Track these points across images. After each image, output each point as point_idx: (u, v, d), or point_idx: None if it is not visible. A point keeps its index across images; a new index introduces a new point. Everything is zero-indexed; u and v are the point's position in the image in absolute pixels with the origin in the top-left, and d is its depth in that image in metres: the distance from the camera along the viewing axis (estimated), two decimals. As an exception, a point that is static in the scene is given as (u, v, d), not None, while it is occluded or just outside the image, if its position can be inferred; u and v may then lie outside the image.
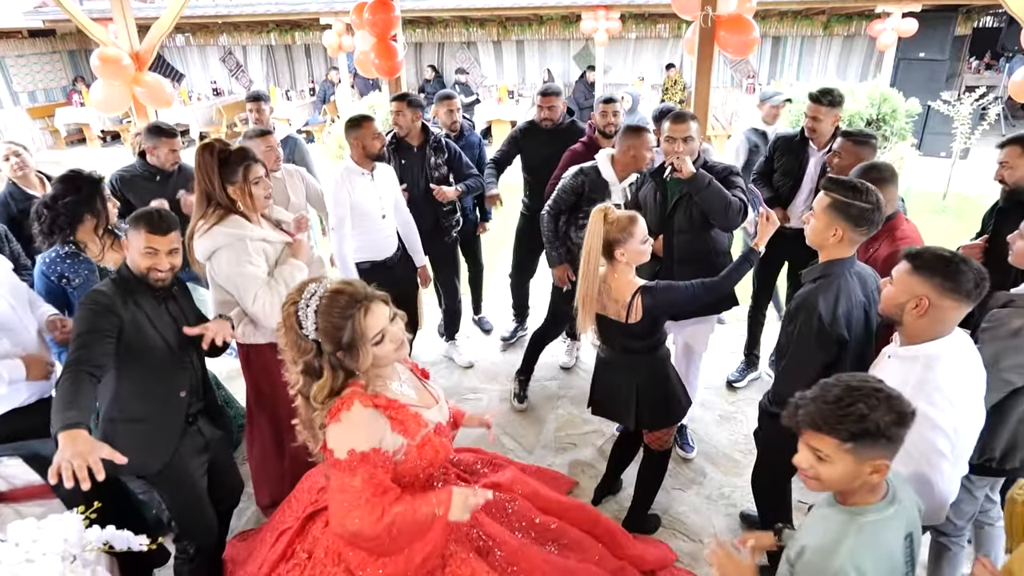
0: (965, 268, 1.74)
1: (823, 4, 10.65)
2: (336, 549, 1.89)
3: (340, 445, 1.71)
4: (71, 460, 1.65)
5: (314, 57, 14.09)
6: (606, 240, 2.48)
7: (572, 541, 2.27)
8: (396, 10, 4.93)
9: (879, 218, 2.14)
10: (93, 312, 2.07)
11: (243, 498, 3.29)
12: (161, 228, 2.17)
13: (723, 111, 12.15)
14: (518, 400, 4.02)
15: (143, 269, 2.18)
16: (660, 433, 2.81)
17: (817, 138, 3.54)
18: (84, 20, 4.93)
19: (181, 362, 2.30)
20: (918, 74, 10.30)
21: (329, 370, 1.76)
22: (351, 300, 1.72)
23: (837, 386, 1.44)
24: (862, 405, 1.38)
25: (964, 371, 1.82)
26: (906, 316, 1.82)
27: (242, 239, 2.52)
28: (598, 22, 10.93)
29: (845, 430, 1.39)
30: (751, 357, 4.19)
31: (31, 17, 12.07)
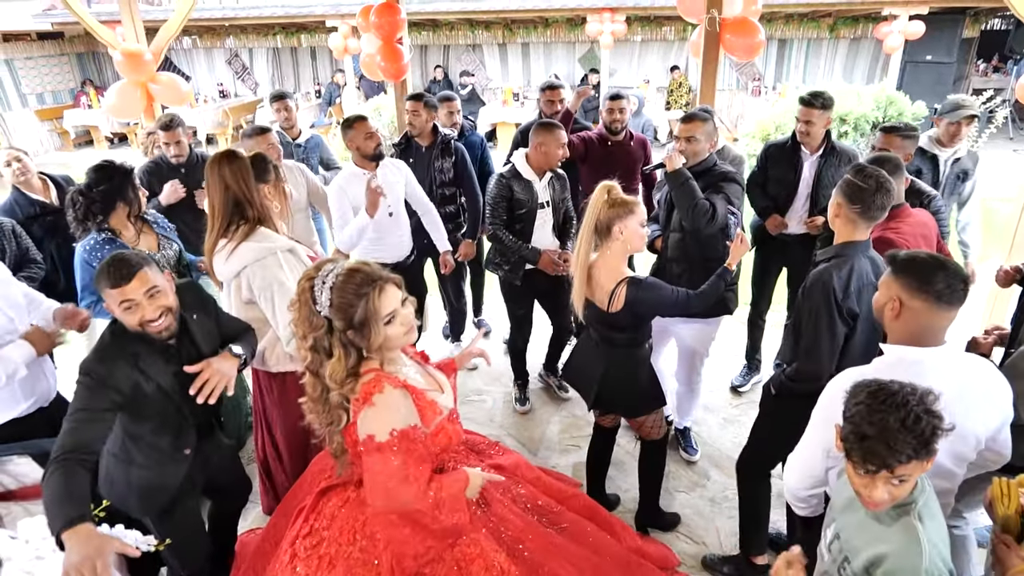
0: (938, 269, 1.70)
1: (829, 6, 10.64)
2: (352, 527, 1.92)
3: (381, 427, 1.73)
4: (80, 567, 1.53)
5: (320, 59, 14.15)
6: (605, 216, 2.48)
7: (572, 525, 2.28)
8: (402, 13, 4.95)
9: (878, 201, 2.19)
10: (89, 389, 1.90)
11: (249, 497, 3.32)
12: (121, 275, 1.92)
13: (728, 114, 12.14)
14: (519, 403, 4.03)
15: (136, 327, 1.97)
16: (644, 420, 2.82)
17: (810, 142, 3.53)
18: (92, 23, 4.97)
19: (189, 417, 2.16)
20: (925, 77, 10.28)
21: (340, 349, 1.77)
22: (366, 279, 1.75)
23: (880, 411, 1.39)
24: (921, 418, 1.37)
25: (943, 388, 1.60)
26: (885, 318, 1.83)
27: (273, 252, 2.43)
28: (603, 25, 10.95)
29: (925, 447, 1.38)
30: (753, 361, 4.20)
31: (40, 20, 12.16)
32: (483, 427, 3.85)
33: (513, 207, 3.46)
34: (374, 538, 1.88)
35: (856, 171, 2.26)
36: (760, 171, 3.83)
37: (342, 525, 1.94)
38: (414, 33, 12.40)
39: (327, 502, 2.03)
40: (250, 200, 2.46)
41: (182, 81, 5.06)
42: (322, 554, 1.92)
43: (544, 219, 3.56)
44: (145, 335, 1.99)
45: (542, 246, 3.54)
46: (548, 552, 2.07)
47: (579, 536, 2.25)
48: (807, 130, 3.49)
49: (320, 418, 1.86)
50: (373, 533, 1.89)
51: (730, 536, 3.02)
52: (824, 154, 3.54)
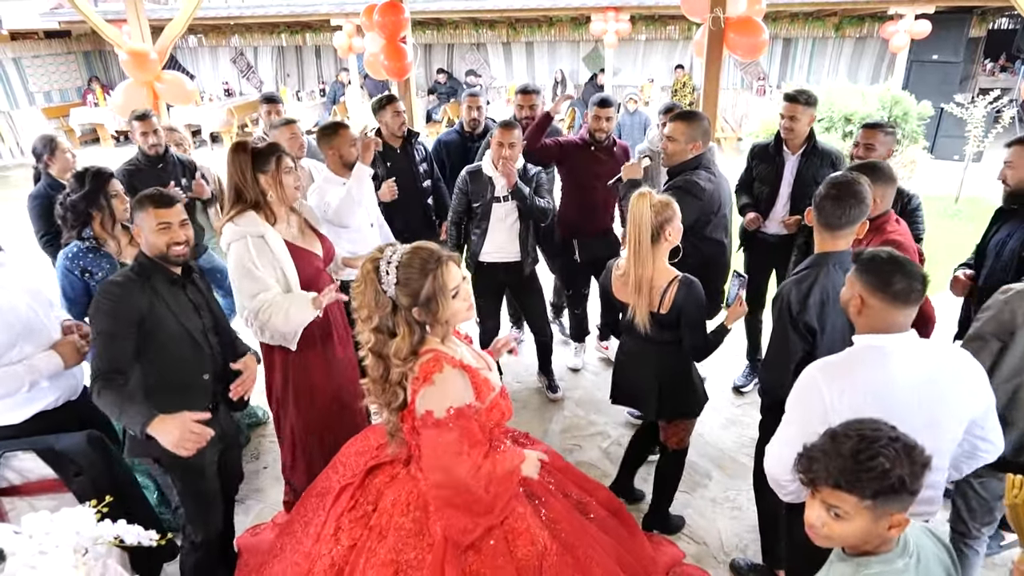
0: (896, 270, 1.73)
1: (835, 5, 10.61)
2: (404, 500, 1.97)
3: (439, 405, 1.79)
4: (183, 440, 2.04)
5: (324, 58, 14.18)
6: (655, 223, 2.46)
7: (600, 517, 2.33)
8: (406, 12, 4.96)
9: (839, 212, 2.16)
10: (111, 304, 2.12)
11: (251, 494, 3.34)
12: (165, 201, 2.22)
13: (733, 113, 12.12)
14: None
15: (162, 248, 2.20)
16: (678, 429, 2.84)
17: (794, 139, 3.52)
18: (99, 21, 5.01)
19: (202, 347, 2.32)
20: (931, 76, 10.23)
21: (405, 326, 1.83)
22: (431, 255, 1.81)
23: (850, 437, 1.33)
24: (882, 459, 1.28)
25: (900, 381, 1.74)
26: (850, 314, 1.86)
27: (244, 236, 2.58)
28: (608, 24, 10.94)
29: (868, 487, 1.29)
30: (755, 362, 4.19)
31: (47, 18, 12.22)
32: (485, 426, 3.86)
33: (470, 200, 3.64)
34: (427, 509, 1.93)
35: (830, 180, 2.24)
36: (747, 172, 3.83)
37: (394, 498, 2.00)
38: (418, 32, 12.42)
39: (373, 479, 2.09)
40: (245, 186, 2.62)
41: (187, 80, 5.09)
42: (371, 525, 1.99)
43: (505, 212, 3.62)
44: (160, 266, 2.23)
45: (500, 238, 3.66)
46: (581, 536, 2.12)
47: (603, 526, 2.30)
48: (791, 126, 3.47)
49: (380, 398, 1.92)
50: (426, 504, 1.94)
51: (731, 537, 3.02)
52: (805, 153, 3.52)
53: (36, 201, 3.66)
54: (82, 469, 2.29)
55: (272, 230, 2.63)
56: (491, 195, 3.58)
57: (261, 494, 3.36)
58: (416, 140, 4.14)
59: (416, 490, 1.98)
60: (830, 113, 7.14)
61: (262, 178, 2.61)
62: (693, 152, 3.16)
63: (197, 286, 2.39)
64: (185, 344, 2.26)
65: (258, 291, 2.57)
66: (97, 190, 2.87)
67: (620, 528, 2.39)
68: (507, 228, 3.65)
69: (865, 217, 2.22)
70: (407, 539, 1.92)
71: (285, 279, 2.63)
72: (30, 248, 3.93)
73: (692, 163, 3.16)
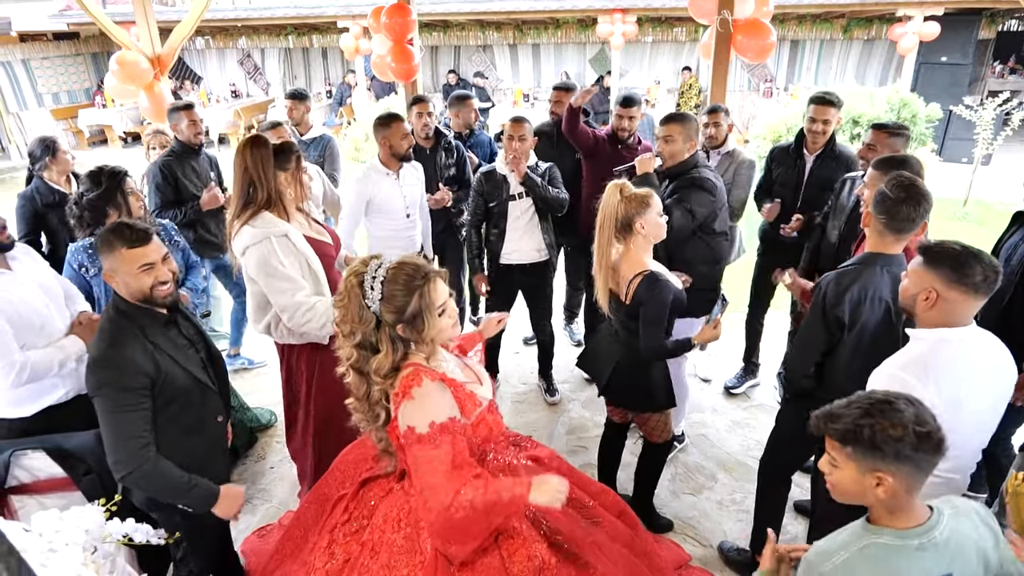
0: (974, 261, 1.74)
1: (843, 7, 10.57)
2: (396, 516, 1.93)
3: (421, 420, 1.73)
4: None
5: (331, 60, 14.22)
6: (624, 214, 2.52)
7: (605, 521, 2.29)
8: (413, 14, 4.97)
9: (902, 212, 2.11)
10: (116, 374, 1.95)
11: (258, 494, 3.35)
12: (140, 237, 2.02)
13: (740, 115, 12.09)
14: None
15: (146, 291, 2.03)
16: (646, 422, 2.85)
17: (820, 140, 3.51)
18: (107, 23, 5.04)
19: (208, 386, 2.23)
20: (940, 79, 10.18)
21: (388, 343, 1.77)
22: (417, 271, 1.76)
23: (870, 397, 1.39)
24: (867, 416, 1.35)
25: (975, 367, 1.81)
26: (917, 307, 1.85)
27: (268, 236, 2.54)
28: (614, 26, 10.94)
29: (837, 431, 1.38)
30: (750, 364, 4.17)
31: (56, 20, 12.30)
32: (491, 427, 3.86)
33: (487, 200, 3.65)
34: (418, 526, 1.89)
35: (891, 179, 2.19)
36: (767, 175, 3.82)
37: (386, 513, 1.95)
38: (425, 34, 12.44)
39: (367, 492, 2.06)
40: (263, 184, 2.55)
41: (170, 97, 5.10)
42: (364, 540, 1.95)
43: (521, 210, 3.63)
44: (146, 310, 2.06)
45: (518, 237, 3.67)
46: (585, 545, 2.08)
47: (611, 532, 2.26)
48: (823, 129, 3.47)
49: (364, 416, 1.87)
50: (417, 521, 1.90)
51: (737, 539, 3.01)
52: (822, 155, 3.51)
53: (22, 201, 3.66)
54: (91, 468, 2.30)
55: (293, 228, 2.61)
56: (506, 194, 3.60)
57: (267, 494, 3.37)
58: (444, 142, 4.13)
59: (408, 506, 1.94)
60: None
61: (282, 175, 2.59)
62: (690, 151, 3.18)
63: (184, 313, 2.26)
64: (194, 393, 2.15)
65: (295, 290, 2.54)
66: (114, 188, 2.89)
67: (628, 531, 2.36)
68: (525, 226, 3.66)
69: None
70: (399, 556, 1.88)
71: (313, 275, 2.63)
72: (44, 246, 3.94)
73: (691, 161, 3.18)
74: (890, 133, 3.14)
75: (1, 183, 10.83)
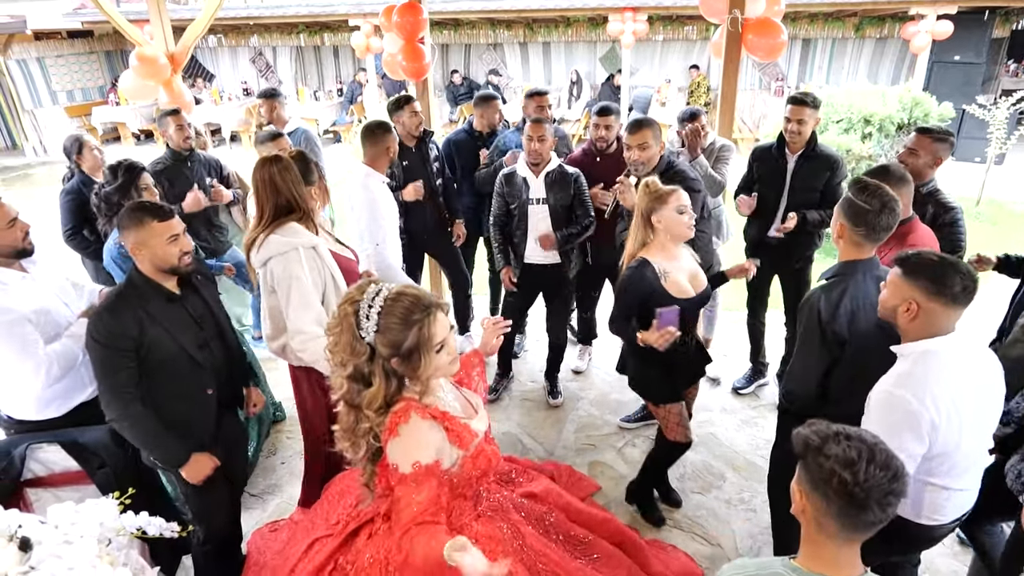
0: (952, 271, 1.73)
1: (855, 6, 10.50)
2: (383, 559, 1.85)
3: (404, 459, 1.66)
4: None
5: (342, 58, 14.26)
6: (645, 208, 2.63)
7: (603, 555, 2.26)
8: (424, 13, 4.97)
9: (882, 222, 2.11)
10: (104, 333, 2.08)
11: (268, 489, 3.39)
12: (166, 212, 2.19)
13: (751, 114, 12.04)
14: (491, 392, 4.12)
15: (175, 260, 2.19)
16: (656, 411, 2.93)
17: (799, 141, 3.47)
18: (121, 22, 5.07)
19: (201, 363, 2.28)
20: (953, 77, 10.09)
21: (382, 378, 1.69)
22: (417, 303, 1.66)
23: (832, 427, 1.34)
24: (816, 436, 1.32)
25: (966, 375, 1.80)
26: (899, 319, 1.83)
27: (295, 247, 2.50)
28: (625, 24, 10.91)
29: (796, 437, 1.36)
30: (757, 364, 4.16)
31: (70, 18, 12.40)
32: (500, 424, 3.87)
33: (507, 202, 3.68)
34: (404, 568, 1.80)
35: (858, 189, 2.16)
36: (748, 174, 3.80)
37: (372, 556, 1.87)
38: (435, 32, 12.45)
39: (356, 539, 1.99)
40: (299, 202, 2.56)
41: (188, 93, 5.14)
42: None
43: (540, 215, 3.63)
44: (155, 285, 2.20)
45: (535, 238, 3.67)
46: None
47: (611, 564, 2.23)
48: (799, 129, 3.43)
49: (351, 448, 1.80)
50: (404, 564, 1.80)
51: (745, 538, 3.01)
52: (804, 156, 3.48)
53: (67, 196, 3.75)
54: (105, 462, 2.34)
55: (320, 240, 2.59)
56: (526, 196, 3.60)
57: (278, 489, 3.40)
58: (430, 140, 4.17)
59: (396, 547, 1.82)
60: (849, 114, 7.07)
61: (311, 190, 2.61)
62: (660, 151, 3.28)
63: (200, 294, 2.35)
64: (182, 364, 2.23)
65: (304, 318, 2.49)
66: (129, 183, 3.00)
67: (625, 560, 2.32)
68: (541, 230, 3.65)
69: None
70: None
71: (337, 291, 2.58)
72: (53, 243, 3.99)
73: (664, 161, 3.27)
74: (934, 139, 2.97)
75: (16, 180, 10.95)
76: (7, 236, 2.34)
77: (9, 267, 2.37)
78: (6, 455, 2.31)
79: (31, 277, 2.41)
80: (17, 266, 2.39)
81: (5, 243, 2.34)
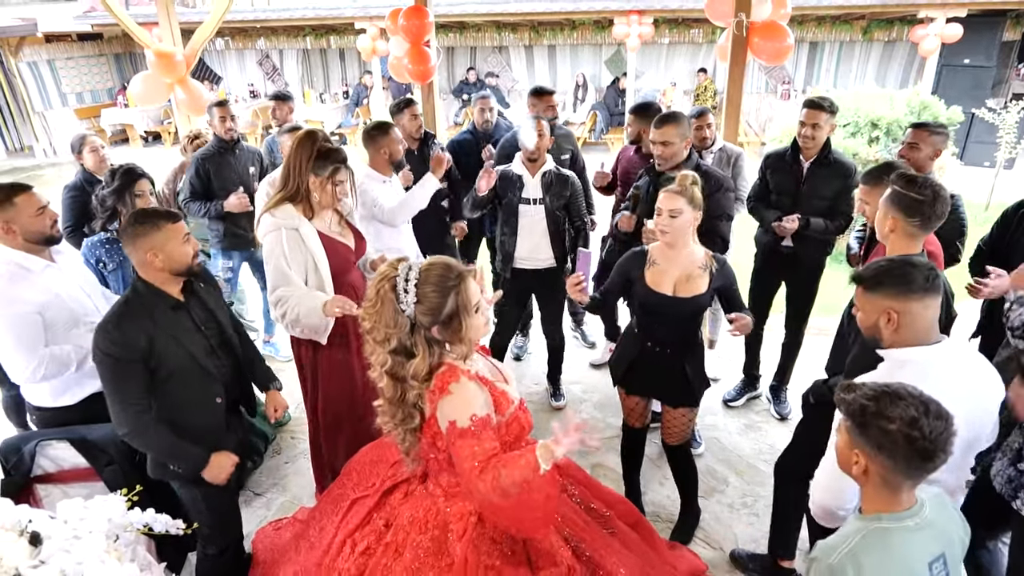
0: (910, 268, 1.73)
1: (863, 9, 10.47)
2: (423, 518, 1.91)
3: (462, 414, 1.73)
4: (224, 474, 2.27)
5: (348, 61, 14.31)
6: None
7: (621, 532, 2.28)
8: (430, 16, 5.00)
9: (936, 211, 2.12)
10: (111, 345, 2.07)
11: (272, 488, 3.41)
12: (175, 215, 2.23)
13: (756, 117, 12.02)
14: None
15: (189, 260, 2.20)
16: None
17: (813, 147, 3.43)
18: (131, 24, 5.12)
19: (211, 371, 2.28)
20: (962, 81, 10.05)
21: (424, 347, 1.76)
22: (449, 269, 1.74)
23: (888, 386, 1.43)
24: (871, 399, 1.40)
25: (957, 381, 1.75)
26: (884, 333, 1.80)
27: (279, 228, 2.63)
28: (631, 27, 10.91)
29: (843, 402, 1.45)
30: (750, 376, 4.09)
31: (80, 21, 12.50)
32: (503, 426, 3.88)
33: (499, 196, 3.65)
34: (446, 528, 1.89)
35: (907, 182, 2.15)
36: (762, 182, 3.73)
37: (411, 515, 1.94)
38: (441, 35, 12.48)
39: (391, 497, 2.05)
40: (294, 176, 2.65)
41: (204, 90, 5.19)
42: (388, 542, 1.94)
43: (532, 215, 3.60)
44: (159, 293, 2.19)
45: (530, 241, 3.64)
46: (605, 553, 2.07)
47: (626, 541, 2.25)
48: (813, 134, 3.39)
49: (394, 419, 1.85)
50: (445, 523, 1.89)
51: (748, 543, 3.01)
52: (817, 162, 3.45)
53: (69, 193, 3.78)
54: (113, 459, 2.37)
55: (307, 223, 2.68)
56: (518, 195, 3.58)
57: (282, 488, 3.42)
58: (432, 142, 4.20)
59: (435, 507, 1.93)
60: (856, 118, 7.05)
61: (313, 178, 2.64)
62: (686, 149, 3.21)
63: (201, 299, 2.34)
64: (192, 373, 2.23)
65: (278, 285, 2.63)
66: (123, 188, 3.01)
67: (641, 543, 2.34)
68: (534, 232, 3.63)
69: None
70: (425, 558, 1.85)
71: (317, 272, 2.68)
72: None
73: (692, 161, 3.20)
74: (931, 132, 3.08)
75: (27, 181, 11.01)
76: (36, 223, 2.41)
77: (38, 254, 2.44)
78: (16, 451, 2.35)
79: (56, 266, 2.47)
80: (46, 254, 2.47)
81: (34, 229, 2.41)
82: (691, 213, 2.52)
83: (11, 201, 2.37)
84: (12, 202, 2.37)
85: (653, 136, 3.17)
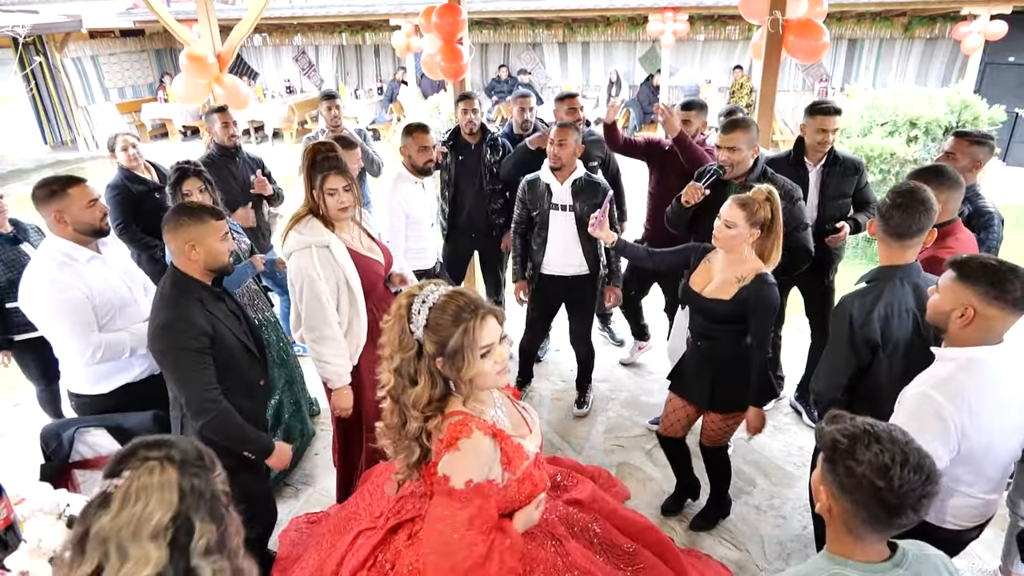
0: (1012, 276, 1.68)
1: (904, 5, 10.21)
2: (419, 568, 1.84)
3: (459, 476, 1.64)
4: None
5: (383, 57, 14.44)
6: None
7: (647, 565, 2.21)
8: (463, 14, 5.02)
9: (909, 221, 2.08)
10: (183, 336, 2.13)
11: (302, 479, 3.47)
12: (220, 212, 2.30)
13: (793, 116, 11.79)
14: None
15: (226, 257, 2.29)
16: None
17: (822, 150, 3.37)
18: (171, 21, 5.25)
19: (253, 352, 2.40)
20: (1006, 79, 9.76)
21: (427, 377, 1.68)
22: (469, 303, 1.65)
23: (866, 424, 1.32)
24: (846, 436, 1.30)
25: (1006, 386, 1.76)
26: (952, 325, 1.78)
27: (308, 246, 2.54)
28: (665, 24, 10.81)
29: (821, 433, 1.36)
30: (774, 379, 4.02)
31: (123, 18, 12.84)
32: (528, 423, 3.89)
33: (529, 209, 3.62)
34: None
35: (892, 192, 2.17)
36: None
37: (411, 563, 1.86)
38: (475, 31, 12.51)
39: (395, 537, 1.98)
40: (306, 190, 2.59)
41: (243, 85, 5.28)
42: None
43: (563, 221, 3.52)
44: (199, 282, 2.26)
45: (560, 248, 3.56)
46: None
47: (654, 575, 2.21)
48: (824, 139, 3.33)
49: (393, 446, 1.77)
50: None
51: (774, 545, 2.98)
52: (827, 164, 3.39)
53: (112, 192, 3.89)
54: (148, 446, 2.43)
55: (336, 239, 2.59)
56: (548, 204, 3.52)
57: (312, 480, 3.49)
58: (489, 139, 4.15)
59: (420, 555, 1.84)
60: (894, 117, 6.89)
61: (313, 191, 2.57)
62: (753, 156, 3.11)
63: (230, 294, 2.47)
64: (242, 354, 2.34)
65: (316, 323, 2.55)
66: (174, 184, 3.13)
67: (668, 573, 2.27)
68: (566, 239, 3.54)
69: (932, 224, 2.15)
70: None
71: (350, 290, 2.61)
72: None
73: (758, 170, 3.11)
74: (971, 141, 2.89)
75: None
76: (86, 215, 2.50)
77: (85, 245, 2.55)
78: (56, 437, 2.44)
79: (101, 258, 2.57)
80: (92, 245, 2.57)
81: (84, 221, 2.50)
82: (747, 229, 2.51)
83: (65, 192, 2.47)
84: (66, 192, 2.47)
85: (720, 141, 3.09)
